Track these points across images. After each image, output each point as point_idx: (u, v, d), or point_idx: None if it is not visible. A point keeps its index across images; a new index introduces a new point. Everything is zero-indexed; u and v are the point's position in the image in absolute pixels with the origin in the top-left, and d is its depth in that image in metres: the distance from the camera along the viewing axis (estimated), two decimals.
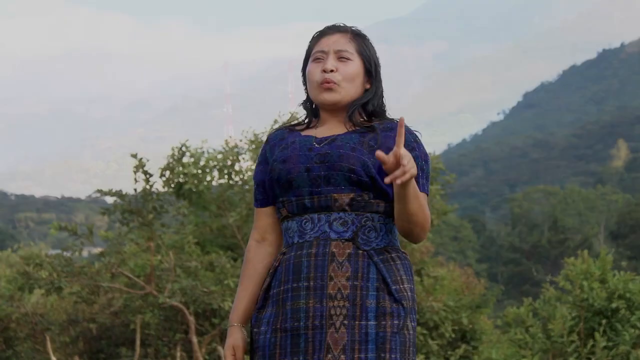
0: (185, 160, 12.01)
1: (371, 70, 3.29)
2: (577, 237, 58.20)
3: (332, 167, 3.12)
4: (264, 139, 3.45)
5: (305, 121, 3.36)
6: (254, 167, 9.10)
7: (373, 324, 3.04)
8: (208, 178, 12.14)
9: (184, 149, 11.94)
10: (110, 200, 10.96)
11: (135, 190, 10.40)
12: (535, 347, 9.39)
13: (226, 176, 12.11)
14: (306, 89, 3.34)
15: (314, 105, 3.34)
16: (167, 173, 12.01)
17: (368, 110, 3.28)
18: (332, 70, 3.22)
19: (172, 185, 12.07)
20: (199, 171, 11.99)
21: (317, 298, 3.06)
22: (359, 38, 3.30)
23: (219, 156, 12.04)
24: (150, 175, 10.39)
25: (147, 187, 10.36)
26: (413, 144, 3.18)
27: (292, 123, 3.41)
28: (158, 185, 11.32)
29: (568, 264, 9.55)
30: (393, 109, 3.34)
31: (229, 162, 11.98)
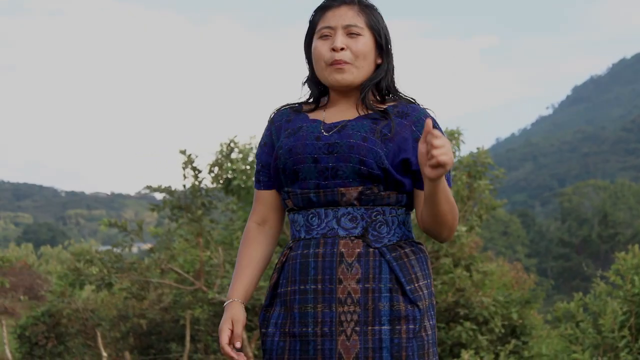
0: (233, 156, 12.05)
1: (382, 44, 2.97)
2: (628, 231, 57.64)
3: (341, 159, 2.84)
4: None
5: (311, 100, 3.07)
6: None
7: (387, 329, 2.80)
8: None
9: (232, 145, 11.98)
10: (159, 196, 11.03)
11: (184, 186, 10.46)
12: (586, 342, 9.31)
13: None
14: (310, 66, 3.05)
15: (320, 85, 3.05)
16: (216, 169, 12.07)
17: (381, 88, 2.98)
18: (342, 49, 2.91)
19: (221, 182, 12.12)
20: (248, 167, 12.03)
21: (325, 303, 2.82)
22: (367, 9, 2.97)
23: None
24: (199, 172, 10.43)
25: (196, 183, 10.41)
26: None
27: (298, 102, 3.11)
28: (207, 181, 11.39)
29: (619, 259, 9.46)
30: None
31: None
